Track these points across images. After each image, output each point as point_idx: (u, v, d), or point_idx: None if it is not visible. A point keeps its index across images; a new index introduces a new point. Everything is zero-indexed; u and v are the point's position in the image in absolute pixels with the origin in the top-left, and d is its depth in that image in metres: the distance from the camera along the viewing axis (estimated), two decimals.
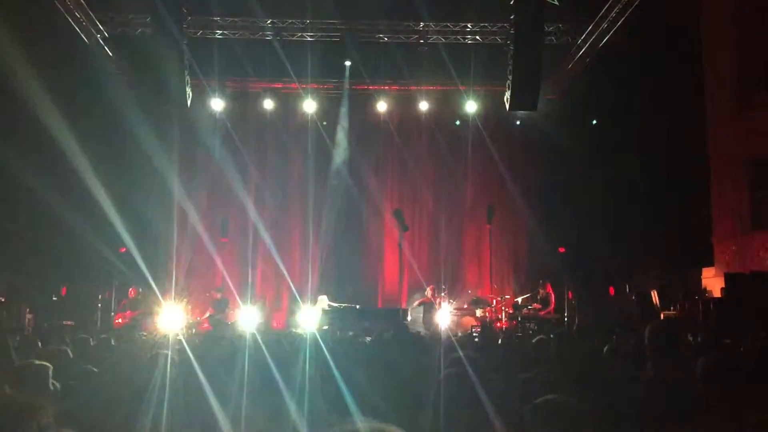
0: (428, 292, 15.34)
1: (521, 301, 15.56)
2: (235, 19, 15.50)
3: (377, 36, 15.86)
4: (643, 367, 4.22)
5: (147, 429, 3.72)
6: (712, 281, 14.66)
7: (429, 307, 15.13)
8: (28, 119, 13.51)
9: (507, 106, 15.34)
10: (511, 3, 14.12)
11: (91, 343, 7.16)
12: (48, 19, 13.83)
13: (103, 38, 15.41)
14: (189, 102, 15.11)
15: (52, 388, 4.30)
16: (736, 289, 11.98)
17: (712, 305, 12.23)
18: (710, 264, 15.29)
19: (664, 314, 13.48)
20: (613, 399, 3.73)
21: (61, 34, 14.24)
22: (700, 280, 15.23)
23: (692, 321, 12.25)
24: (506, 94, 15.20)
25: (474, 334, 11.52)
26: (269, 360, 4.41)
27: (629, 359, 5.05)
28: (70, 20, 14.32)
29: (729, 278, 12.54)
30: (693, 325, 11.75)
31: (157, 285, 16.24)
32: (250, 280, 16.99)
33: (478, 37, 15.98)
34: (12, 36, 12.38)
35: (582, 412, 2.77)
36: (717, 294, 13.35)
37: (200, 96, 16.38)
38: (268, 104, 17.13)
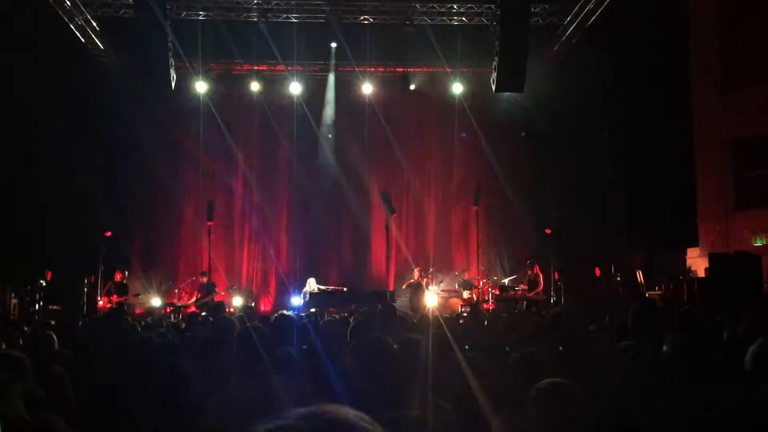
0: (415, 273, 15.38)
1: (508, 283, 15.65)
2: (220, 0, 15.32)
3: (363, 17, 15.74)
4: (627, 345, 4.25)
5: (133, 413, 3.71)
6: (697, 261, 14.80)
7: (416, 288, 15.18)
8: (8, 103, 13.36)
9: (493, 88, 15.32)
10: None
11: (78, 327, 7.13)
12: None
13: (86, 20, 15.18)
14: (173, 84, 14.97)
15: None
16: (720, 269, 12.09)
17: (696, 285, 12.36)
18: (695, 244, 15.42)
19: (649, 294, 13.61)
20: (600, 378, 3.76)
21: (44, 14, 14.01)
22: (685, 260, 15.38)
23: (676, 301, 12.36)
24: (493, 75, 15.18)
25: (463, 314, 11.58)
26: (257, 342, 4.40)
27: (614, 338, 5.09)
28: (52, 1, 14.09)
29: (713, 258, 12.66)
30: (677, 304, 11.86)
31: (142, 269, 16.22)
32: (236, 263, 17.01)
33: (464, 18, 15.89)
34: None
35: (583, 395, 2.78)
36: (701, 274, 13.48)
37: (184, 78, 16.23)
38: (254, 86, 16.99)
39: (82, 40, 15.59)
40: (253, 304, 15.48)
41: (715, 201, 15.42)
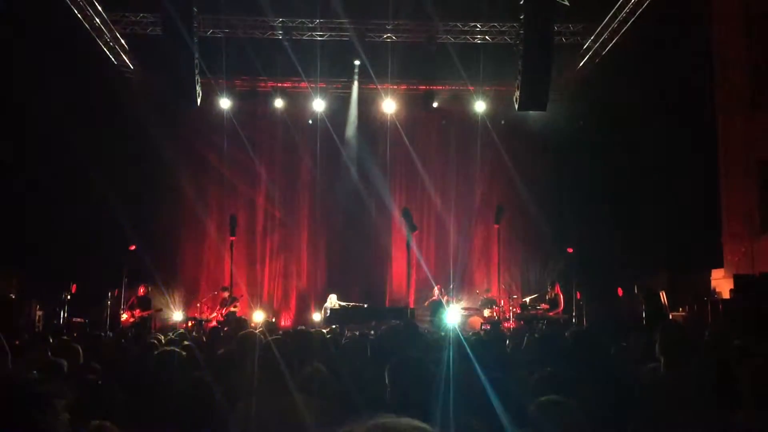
0: (435, 291, 15.37)
1: (529, 302, 15.56)
2: (245, 18, 15.54)
3: (386, 36, 15.87)
4: (652, 366, 4.22)
5: (155, 427, 3.74)
6: (721, 283, 14.58)
7: (437, 306, 15.15)
8: (36, 119, 13.62)
9: (516, 107, 15.32)
10: (521, 3, 14.10)
11: (102, 340, 7.21)
12: (59, 18, 13.89)
13: (114, 37, 15.46)
14: (199, 100, 15.16)
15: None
16: (744, 291, 11.91)
17: (720, 307, 12.18)
18: (719, 266, 15.21)
19: (672, 315, 13.43)
20: (619, 399, 3.73)
21: (73, 32, 14.29)
22: (709, 281, 15.15)
23: (700, 323, 12.19)
24: (515, 94, 15.18)
25: (483, 331, 11.53)
26: (279, 358, 4.42)
27: (638, 360, 5.04)
28: (81, 19, 14.38)
29: (738, 280, 12.47)
30: (701, 326, 11.69)
31: (165, 283, 16.35)
32: (258, 278, 17.08)
33: (487, 37, 15.96)
34: (21, 34, 12.48)
35: (581, 414, 2.80)
36: (726, 296, 13.28)
37: (209, 94, 16.42)
38: (278, 103, 17.17)
39: (113, 59, 15.86)
40: (273, 320, 15.52)
41: (740, 222, 15.22)
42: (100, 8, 14.60)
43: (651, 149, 15.34)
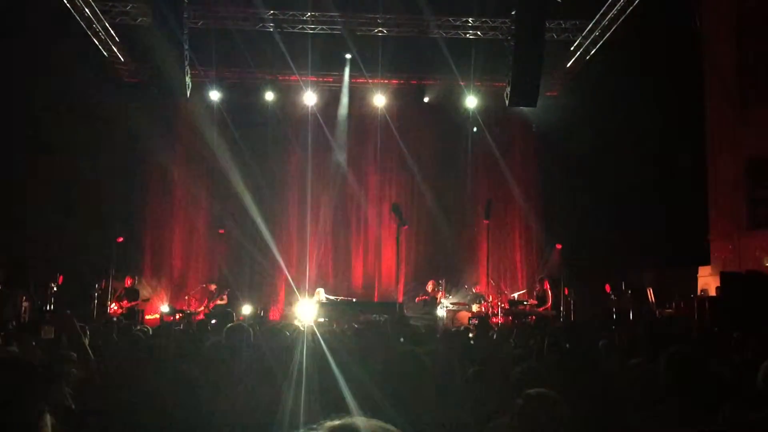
0: (429, 286, 15.40)
1: (517, 297, 15.61)
2: (236, 10, 15.45)
3: (378, 30, 15.83)
4: (637, 362, 4.24)
5: (141, 419, 3.72)
6: (708, 280, 14.70)
7: (432, 302, 15.19)
8: (25, 109, 13.52)
9: (507, 102, 15.33)
10: None
11: (88, 333, 7.17)
12: (48, 8, 13.78)
13: (104, 27, 15.34)
14: (188, 92, 15.07)
15: None
16: (731, 289, 12.00)
17: (707, 304, 12.26)
18: (706, 263, 15.32)
19: (659, 312, 13.52)
20: (605, 393, 3.75)
21: (62, 22, 14.18)
22: (696, 278, 15.27)
23: (687, 319, 12.28)
24: (506, 89, 15.19)
25: (471, 327, 11.56)
26: (266, 351, 4.42)
27: (624, 355, 5.07)
28: (70, 8, 14.25)
29: (725, 277, 12.57)
30: (688, 323, 11.78)
31: (153, 275, 16.31)
32: (246, 271, 17.04)
33: (479, 32, 15.95)
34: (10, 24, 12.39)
35: (566, 408, 2.82)
36: (712, 293, 13.38)
37: (199, 86, 16.33)
38: (268, 96, 17.09)
39: (102, 50, 15.73)
40: (262, 313, 15.49)
41: (727, 219, 15.33)
42: None
43: (640, 146, 15.40)
